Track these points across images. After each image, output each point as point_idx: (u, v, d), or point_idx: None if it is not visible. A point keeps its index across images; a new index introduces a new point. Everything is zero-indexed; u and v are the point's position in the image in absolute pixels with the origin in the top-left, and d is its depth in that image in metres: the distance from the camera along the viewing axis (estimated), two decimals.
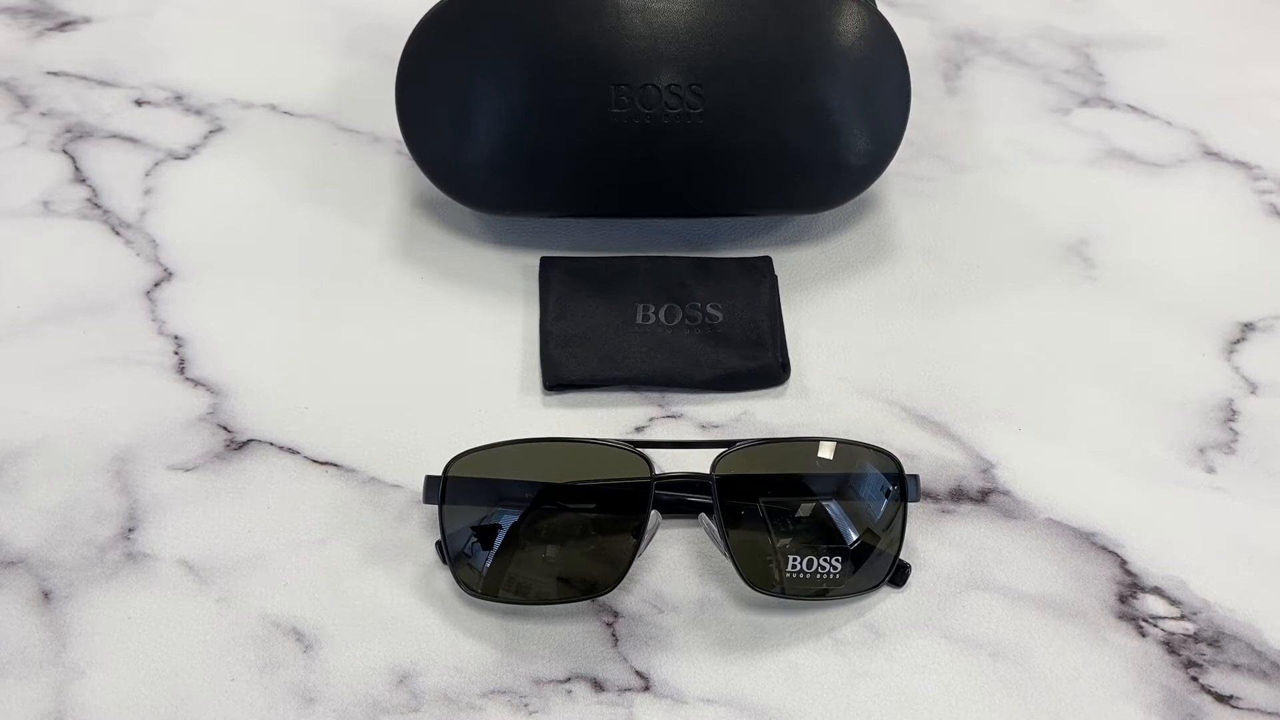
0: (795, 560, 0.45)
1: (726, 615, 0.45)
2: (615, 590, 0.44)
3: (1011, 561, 0.46)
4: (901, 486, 0.46)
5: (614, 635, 0.44)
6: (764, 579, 0.44)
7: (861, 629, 0.44)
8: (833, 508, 0.46)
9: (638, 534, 0.44)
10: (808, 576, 0.45)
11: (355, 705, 0.42)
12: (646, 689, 0.43)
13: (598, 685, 0.43)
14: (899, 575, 0.45)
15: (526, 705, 0.42)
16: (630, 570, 0.44)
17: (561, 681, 0.43)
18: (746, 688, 0.43)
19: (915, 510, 0.47)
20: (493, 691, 0.43)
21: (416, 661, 0.43)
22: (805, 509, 0.46)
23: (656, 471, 0.45)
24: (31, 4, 0.70)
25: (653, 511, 0.44)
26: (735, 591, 0.45)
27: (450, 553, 0.44)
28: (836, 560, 0.45)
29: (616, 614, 0.45)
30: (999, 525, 0.47)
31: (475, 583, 0.44)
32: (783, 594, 0.44)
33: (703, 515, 0.46)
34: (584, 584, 0.44)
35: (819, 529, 0.45)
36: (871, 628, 0.44)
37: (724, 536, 0.44)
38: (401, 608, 0.44)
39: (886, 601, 0.45)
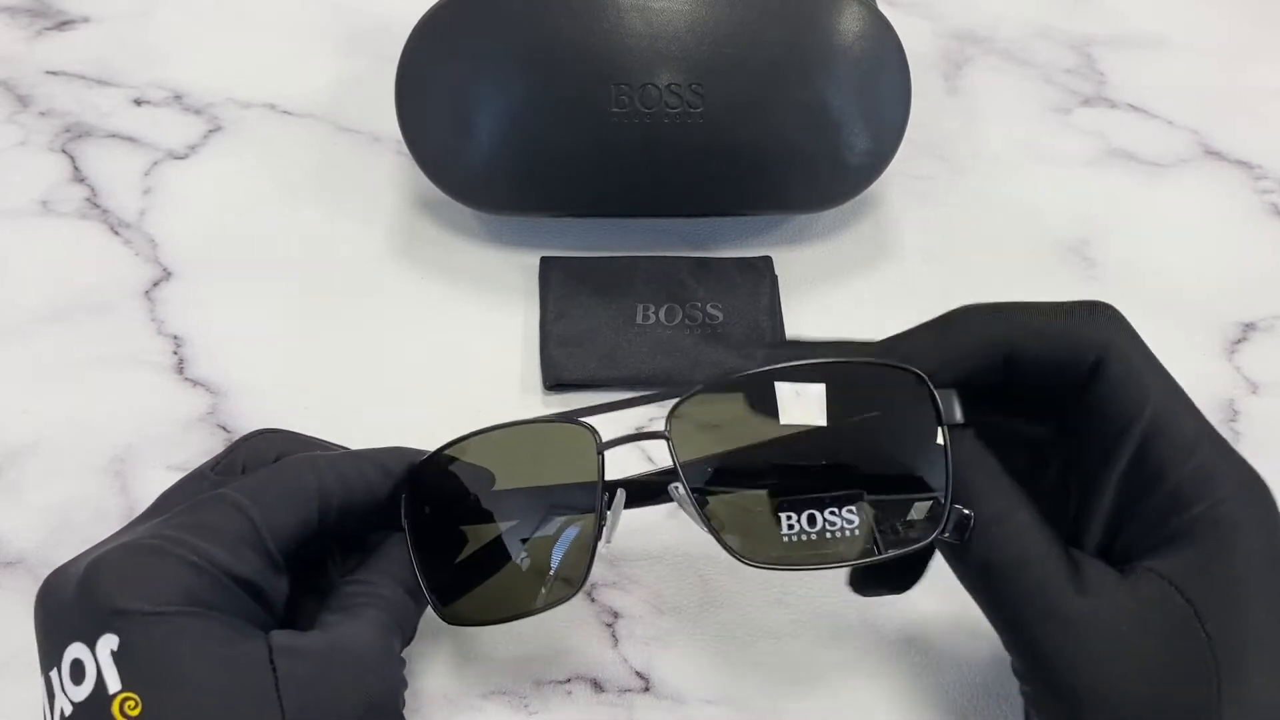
0: (792, 519, 0.35)
1: (726, 615, 0.45)
2: (615, 590, 0.44)
3: None
4: (933, 403, 0.35)
5: (614, 635, 0.44)
6: (754, 548, 0.35)
7: (862, 629, 0.44)
8: (840, 444, 0.36)
9: (600, 515, 0.38)
10: (813, 538, 0.35)
11: None
12: (646, 689, 0.43)
13: (598, 685, 0.43)
14: (958, 527, 0.34)
15: (526, 705, 0.42)
16: (593, 560, 0.38)
17: (561, 682, 0.43)
18: (746, 688, 0.43)
19: None
20: (493, 692, 0.42)
21: (416, 662, 0.43)
22: (799, 454, 0.36)
23: (604, 439, 0.38)
24: (31, 4, 0.70)
25: (619, 491, 0.38)
26: (735, 591, 0.45)
27: (428, 588, 0.39)
28: (850, 513, 0.35)
29: (616, 614, 0.45)
30: None
31: (456, 615, 0.39)
32: (784, 563, 0.35)
33: (675, 486, 0.37)
34: (561, 581, 0.39)
35: (823, 476, 0.36)
36: (872, 627, 0.44)
37: (697, 504, 0.36)
38: None
39: (886, 601, 0.45)
